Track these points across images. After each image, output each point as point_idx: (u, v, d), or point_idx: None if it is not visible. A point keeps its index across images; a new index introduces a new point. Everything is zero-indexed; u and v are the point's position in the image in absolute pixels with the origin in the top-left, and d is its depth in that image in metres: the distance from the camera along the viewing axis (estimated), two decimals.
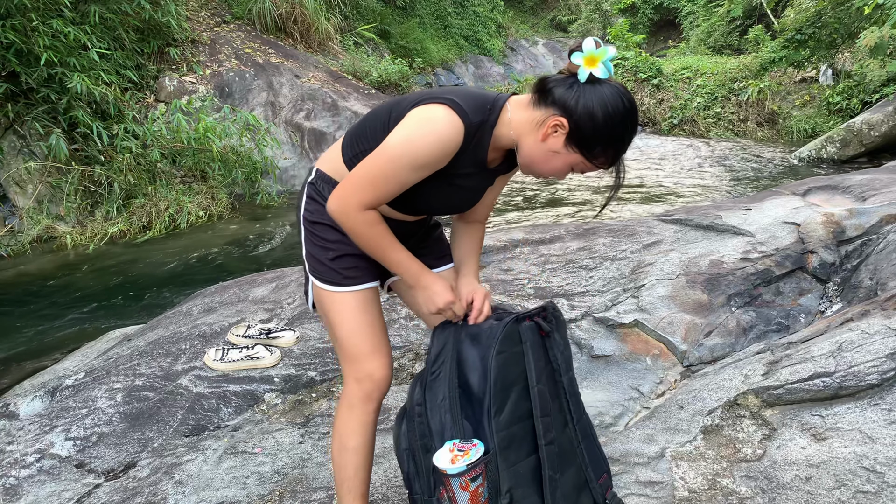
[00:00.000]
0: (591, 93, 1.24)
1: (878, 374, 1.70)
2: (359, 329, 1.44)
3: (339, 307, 1.45)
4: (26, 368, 3.52)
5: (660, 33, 21.07)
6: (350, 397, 1.47)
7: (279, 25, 10.31)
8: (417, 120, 1.28)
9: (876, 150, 8.23)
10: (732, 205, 3.53)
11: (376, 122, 1.40)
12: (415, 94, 1.37)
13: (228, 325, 2.88)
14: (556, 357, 1.44)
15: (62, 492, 1.94)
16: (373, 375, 1.44)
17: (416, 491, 1.40)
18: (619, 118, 1.25)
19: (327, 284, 1.45)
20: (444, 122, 1.27)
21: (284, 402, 2.33)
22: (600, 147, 1.28)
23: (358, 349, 1.44)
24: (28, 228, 5.98)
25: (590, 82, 1.25)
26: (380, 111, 1.42)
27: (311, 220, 1.47)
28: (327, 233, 1.45)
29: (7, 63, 5.93)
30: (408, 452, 1.41)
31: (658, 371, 2.32)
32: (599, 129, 1.25)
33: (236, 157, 7.16)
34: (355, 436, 1.46)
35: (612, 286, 2.78)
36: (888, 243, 2.64)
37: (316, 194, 1.47)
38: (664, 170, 8.56)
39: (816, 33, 9.51)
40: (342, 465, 1.49)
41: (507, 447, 1.33)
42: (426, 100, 1.31)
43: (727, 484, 1.59)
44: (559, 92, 1.26)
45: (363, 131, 1.42)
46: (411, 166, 1.28)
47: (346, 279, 1.44)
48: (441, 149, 1.28)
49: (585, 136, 1.26)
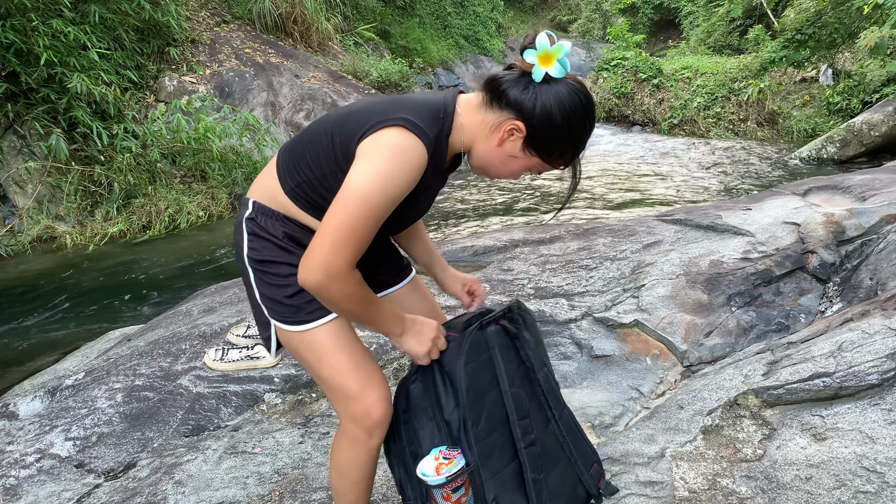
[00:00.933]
0: (547, 93, 1.18)
1: (878, 375, 1.70)
2: (340, 365, 1.30)
3: (311, 346, 1.30)
4: (26, 368, 3.52)
5: (660, 33, 21.08)
6: (349, 437, 1.35)
7: (279, 25, 10.32)
8: (382, 153, 1.16)
9: (876, 150, 8.23)
10: (732, 205, 3.53)
11: (317, 148, 1.27)
12: (357, 111, 1.25)
13: (228, 325, 2.88)
14: (528, 356, 1.42)
15: (62, 492, 1.94)
16: (370, 413, 1.31)
17: (409, 497, 1.39)
18: (577, 119, 1.20)
19: (293, 325, 1.29)
20: (411, 149, 1.17)
21: (284, 402, 2.33)
22: (559, 150, 1.24)
23: (347, 388, 1.30)
24: (28, 228, 5.98)
25: (545, 81, 1.18)
26: (316, 136, 1.28)
27: (258, 258, 1.31)
28: (278, 268, 1.30)
29: (7, 63, 5.93)
30: (398, 459, 1.39)
31: (658, 371, 2.32)
32: (558, 132, 1.20)
33: (236, 157, 7.17)
34: (357, 470, 1.37)
35: (612, 286, 2.78)
36: (888, 243, 2.64)
37: (259, 229, 1.32)
38: (664, 170, 8.56)
39: (816, 33, 9.52)
40: (343, 493, 1.41)
41: (489, 457, 1.31)
42: (377, 124, 1.18)
43: (727, 484, 1.59)
44: (514, 94, 1.19)
45: (302, 158, 1.29)
46: (389, 202, 1.18)
47: (311, 314, 1.29)
48: (414, 177, 1.20)
49: (543, 139, 1.21)
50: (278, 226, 1.32)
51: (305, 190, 1.29)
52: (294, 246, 1.31)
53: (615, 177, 8.23)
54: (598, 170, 8.65)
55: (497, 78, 1.23)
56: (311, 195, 1.29)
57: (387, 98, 1.28)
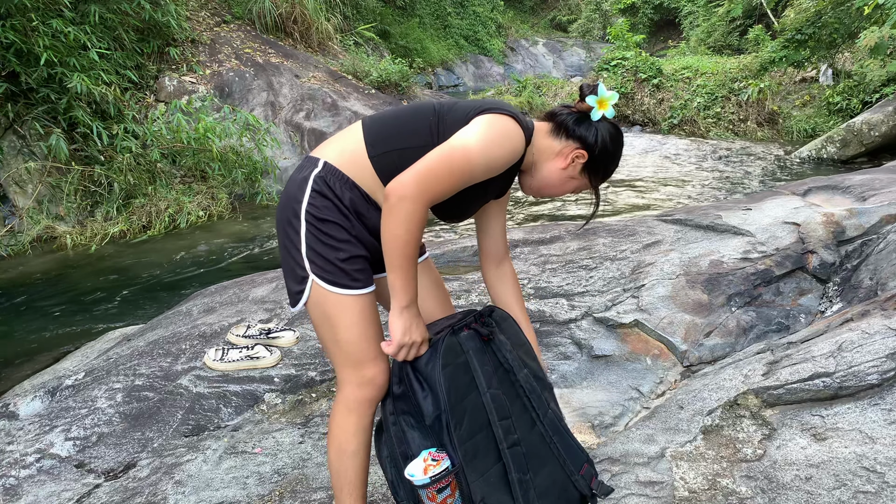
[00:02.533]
0: (603, 130, 1.46)
1: (878, 374, 1.70)
2: (364, 333, 1.40)
3: (344, 310, 1.39)
4: (26, 368, 3.52)
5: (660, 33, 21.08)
6: (348, 402, 1.43)
7: (279, 25, 10.32)
8: (494, 128, 1.36)
9: (876, 150, 8.23)
10: (732, 205, 3.53)
11: (417, 123, 1.42)
12: (467, 103, 1.44)
13: (228, 325, 2.88)
14: (506, 358, 1.43)
15: (62, 492, 1.94)
16: (375, 380, 1.42)
17: (401, 497, 1.40)
18: (620, 150, 1.52)
19: (335, 287, 1.38)
20: (517, 134, 1.39)
21: (284, 403, 2.33)
22: (604, 173, 1.53)
23: (364, 354, 1.41)
24: (28, 228, 5.97)
25: (600, 120, 1.46)
26: (419, 112, 1.44)
27: (318, 216, 1.37)
28: (337, 231, 1.38)
29: (7, 63, 5.92)
30: (389, 460, 1.40)
31: (658, 371, 2.32)
32: (609, 161, 1.51)
33: (236, 157, 7.16)
34: (355, 440, 1.44)
35: (612, 286, 2.78)
36: (888, 243, 2.64)
37: (326, 188, 1.38)
38: (664, 170, 8.56)
39: (816, 33, 9.51)
40: (342, 470, 1.46)
41: (474, 457, 1.32)
42: (492, 109, 1.39)
43: (727, 484, 1.59)
44: (576, 126, 1.47)
45: (399, 130, 1.42)
46: (486, 169, 1.35)
47: (355, 281, 1.39)
48: (512, 159, 1.40)
49: (598, 165, 1.50)
50: (346, 190, 1.40)
51: (393, 158, 1.39)
52: (353, 215, 1.40)
53: (615, 177, 8.23)
54: None
55: (559, 113, 1.50)
56: (397, 163, 1.37)
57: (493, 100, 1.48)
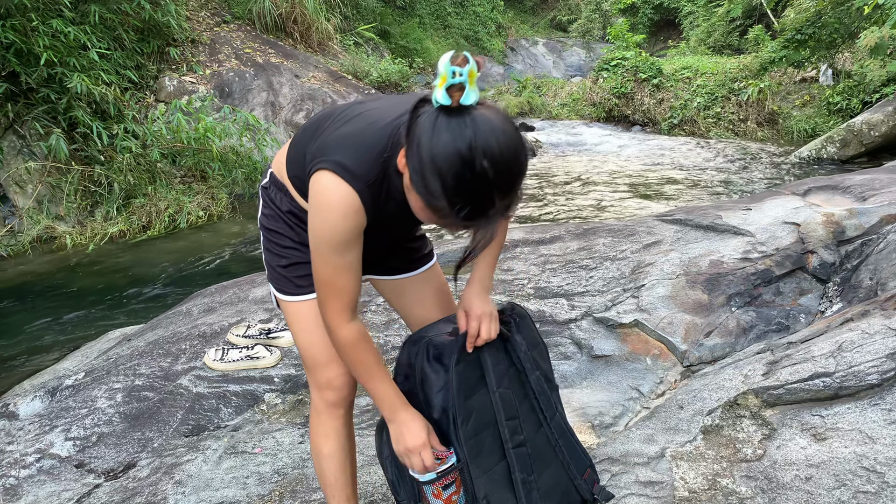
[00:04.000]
0: (425, 123, 0.98)
1: (878, 375, 1.70)
2: (316, 337, 1.39)
3: (294, 316, 1.41)
4: (26, 368, 3.52)
5: (660, 33, 21.07)
6: (315, 405, 1.46)
7: (279, 25, 10.31)
8: (314, 203, 1.18)
9: (876, 150, 8.23)
10: (732, 205, 3.53)
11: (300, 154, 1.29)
12: (318, 143, 1.20)
13: (228, 325, 2.88)
14: (520, 359, 1.42)
15: (62, 492, 1.94)
16: (332, 383, 1.42)
17: (402, 497, 1.40)
18: (449, 162, 0.95)
19: (282, 294, 1.41)
20: (337, 197, 1.12)
21: (284, 403, 2.33)
22: (427, 193, 0.99)
23: (315, 359, 1.41)
24: (28, 228, 5.97)
25: (446, 111, 0.97)
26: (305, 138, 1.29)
27: (267, 225, 1.41)
28: (281, 239, 1.40)
29: (7, 63, 5.92)
30: (390, 459, 1.40)
31: (658, 371, 2.32)
32: (427, 173, 0.97)
33: (236, 157, 7.16)
34: (327, 443, 1.45)
35: (612, 286, 2.78)
36: (888, 243, 2.64)
37: (268, 199, 1.41)
38: (664, 170, 8.57)
39: (816, 33, 9.51)
40: (322, 474, 1.48)
41: (478, 454, 1.32)
42: (316, 163, 1.16)
43: (727, 484, 1.59)
44: (413, 123, 1.02)
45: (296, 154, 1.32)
46: (340, 251, 1.18)
47: (299, 288, 1.38)
48: (349, 223, 1.15)
49: (415, 177, 1.00)
50: (285, 201, 1.39)
51: (297, 184, 1.36)
52: (295, 222, 1.38)
53: (615, 177, 8.23)
54: (598, 170, 8.65)
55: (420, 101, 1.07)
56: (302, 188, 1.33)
57: (347, 123, 1.20)
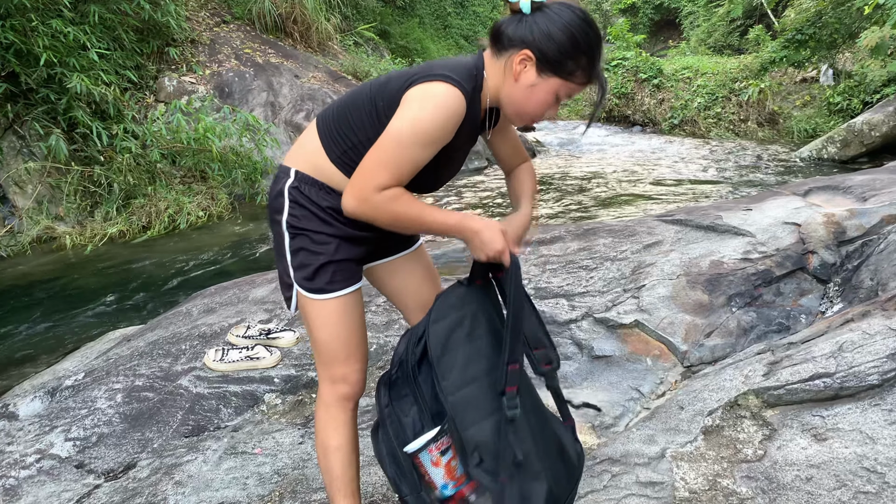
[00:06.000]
0: (541, 18, 1.27)
1: (878, 375, 1.70)
2: (337, 335, 1.44)
3: (320, 312, 1.43)
4: (26, 368, 3.52)
5: (660, 33, 21.08)
6: (325, 398, 1.48)
7: (279, 25, 10.31)
8: (421, 99, 1.27)
9: (876, 150, 8.24)
10: (733, 205, 3.52)
11: (360, 114, 1.37)
12: (397, 76, 1.34)
13: (228, 325, 2.88)
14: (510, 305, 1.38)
15: (62, 492, 1.94)
16: (347, 378, 1.46)
17: (405, 492, 1.39)
18: (577, 27, 1.27)
19: (312, 293, 1.42)
20: (448, 96, 1.27)
21: (284, 403, 2.33)
22: (572, 62, 1.29)
23: (334, 354, 1.45)
24: (28, 229, 5.97)
25: (536, 10, 1.28)
26: (359, 101, 1.38)
27: (298, 226, 1.41)
28: (318, 237, 1.41)
29: (7, 63, 5.92)
30: (389, 457, 1.39)
31: (658, 371, 2.32)
32: (563, 45, 1.27)
33: (236, 158, 7.16)
34: (336, 435, 1.47)
35: (612, 286, 2.77)
36: (889, 243, 2.64)
37: (301, 197, 1.41)
38: (664, 170, 8.56)
39: (817, 33, 9.52)
40: (328, 467, 1.49)
41: (464, 409, 1.30)
42: (418, 79, 1.29)
43: (728, 484, 1.59)
44: (511, 30, 1.29)
45: (346, 125, 1.39)
46: (422, 144, 1.28)
47: (332, 284, 1.41)
48: (449, 123, 1.29)
49: (552, 57, 1.28)
50: (322, 196, 1.40)
51: (352, 157, 1.37)
52: (333, 216, 1.40)
53: (615, 177, 8.23)
54: (598, 170, 8.65)
55: (496, 25, 1.33)
56: (356, 160, 1.35)
57: (422, 64, 1.39)
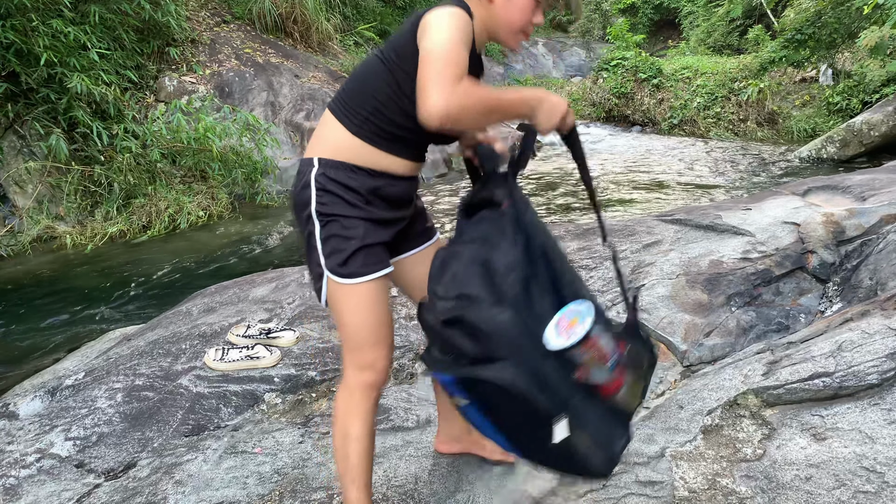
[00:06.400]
0: None
1: (877, 374, 1.70)
2: (367, 320, 1.44)
3: (351, 298, 1.43)
4: (26, 368, 3.52)
5: (660, 33, 21.08)
6: (350, 384, 1.48)
7: (279, 25, 10.30)
8: (439, 15, 1.31)
9: (876, 150, 8.24)
10: (732, 205, 3.53)
11: (374, 79, 1.40)
12: (399, 31, 1.39)
13: (228, 325, 2.88)
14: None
15: (62, 492, 1.94)
16: (374, 365, 1.46)
17: (543, 405, 1.25)
18: None
19: (344, 278, 1.42)
20: (459, 11, 1.32)
21: (284, 402, 2.33)
22: None
23: (363, 339, 1.45)
24: (28, 228, 5.97)
25: None
26: (369, 69, 1.43)
27: (327, 212, 1.41)
28: (348, 222, 1.41)
29: (7, 63, 5.92)
30: (527, 383, 1.25)
31: (658, 371, 2.32)
32: None
33: (236, 157, 7.16)
34: (357, 423, 1.47)
35: (612, 286, 2.78)
36: (888, 243, 2.64)
37: (329, 182, 1.41)
38: (664, 170, 8.57)
39: (816, 33, 9.52)
40: (345, 455, 1.48)
41: None
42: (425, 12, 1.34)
43: (727, 484, 1.59)
44: None
45: (361, 95, 1.42)
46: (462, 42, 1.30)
47: (364, 267, 1.42)
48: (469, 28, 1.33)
49: None
50: (349, 176, 1.41)
51: (374, 122, 1.40)
52: (364, 198, 1.42)
53: (615, 177, 8.23)
54: (598, 170, 8.65)
55: None
56: (380, 125, 1.39)
57: None
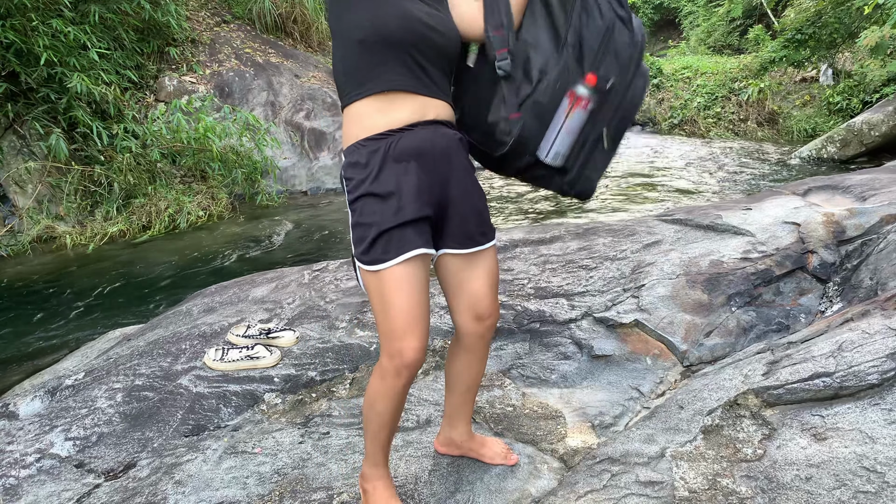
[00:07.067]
0: None
1: (878, 374, 1.70)
2: (395, 305, 1.42)
3: (376, 285, 1.43)
4: (26, 368, 3.52)
5: (660, 33, 21.08)
6: (382, 368, 1.50)
7: (279, 25, 10.31)
8: None
9: (876, 149, 8.24)
10: (733, 205, 3.53)
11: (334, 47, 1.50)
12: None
13: (228, 325, 2.88)
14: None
15: (62, 492, 1.94)
16: (403, 354, 1.45)
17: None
18: None
19: (370, 265, 1.43)
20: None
21: (284, 402, 2.33)
22: None
23: (391, 328, 1.44)
24: (28, 228, 5.98)
25: None
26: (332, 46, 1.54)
27: (351, 199, 1.47)
28: (368, 206, 1.43)
29: (7, 63, 5.92)
30: None
31: (658, 371, 2.32)
32: None
33: (236, 157, 7.17)
34: (382, 401, 1.53)
35: (612, 286, 2.78)
36: (888, 243, 2.64)
37: (347, 169, 1.48)
38: (664, 170, 8.57)
39: (816, 33, 9.52)
40: (369, 419, 1.58)
41: None
42: None
43: (727, 484, 1.59)
44: None
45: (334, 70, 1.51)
46: None
47: (385, 254, 1.41)
48: None
49: None
50: (358, 152, 1.45)
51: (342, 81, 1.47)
52: (378, 167, 1.43)
53: (615, 177, 8.23)
54: None
55: None
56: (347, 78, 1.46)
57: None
